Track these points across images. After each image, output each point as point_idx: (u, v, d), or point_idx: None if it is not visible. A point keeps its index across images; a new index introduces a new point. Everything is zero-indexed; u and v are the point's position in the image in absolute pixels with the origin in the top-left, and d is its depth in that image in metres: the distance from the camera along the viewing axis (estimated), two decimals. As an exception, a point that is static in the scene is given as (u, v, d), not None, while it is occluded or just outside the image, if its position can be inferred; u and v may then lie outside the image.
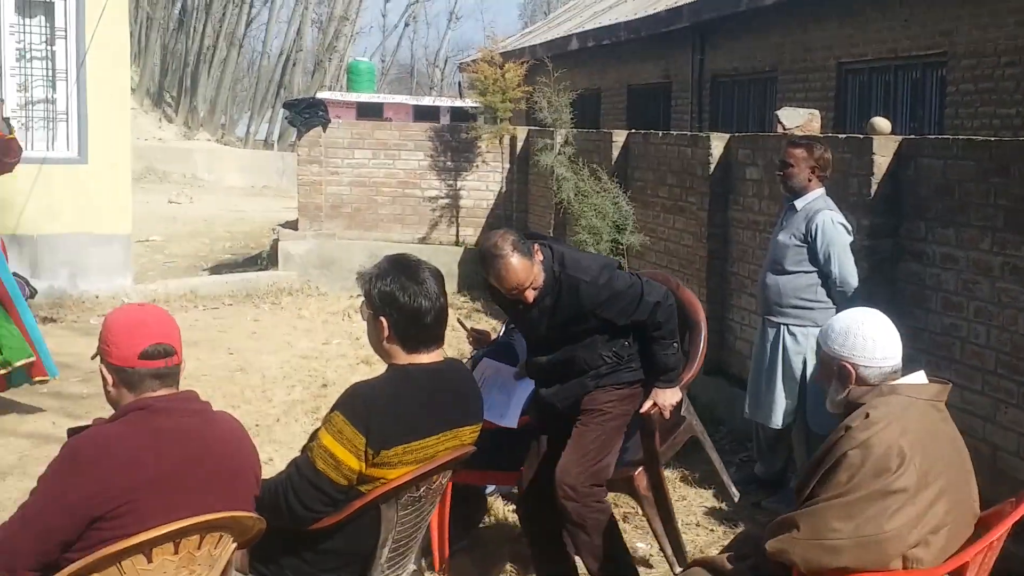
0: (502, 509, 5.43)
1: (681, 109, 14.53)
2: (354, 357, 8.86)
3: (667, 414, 4.27)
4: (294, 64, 36.92)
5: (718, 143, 7.63)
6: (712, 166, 7.59)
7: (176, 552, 2.73)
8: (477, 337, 5.24)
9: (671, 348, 4.24)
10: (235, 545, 2.92)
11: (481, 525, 5.23)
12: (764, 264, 5.90)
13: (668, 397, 4.25)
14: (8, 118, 7.96)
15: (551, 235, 9.23)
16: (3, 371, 6.70)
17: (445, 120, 18.01)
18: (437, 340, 3.33)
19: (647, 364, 4.28)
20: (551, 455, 4.30)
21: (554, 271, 4.12)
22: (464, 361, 4.61)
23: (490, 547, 5.01)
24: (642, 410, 4.26)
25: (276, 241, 12.77)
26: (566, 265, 4.13)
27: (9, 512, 3.31)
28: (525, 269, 4.00)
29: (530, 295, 4.07)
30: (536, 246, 4.07)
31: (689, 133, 10.04)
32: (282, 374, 8.29)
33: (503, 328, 5.31)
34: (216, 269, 14.01)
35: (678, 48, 14.41)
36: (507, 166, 12.80)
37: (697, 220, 7.90)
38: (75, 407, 7.15)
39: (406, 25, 47.86)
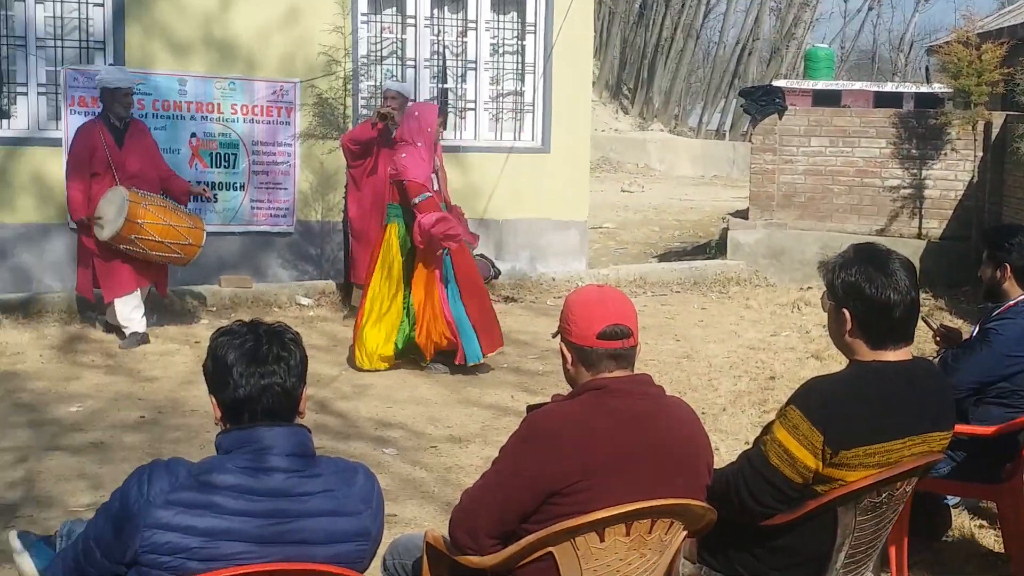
0: (967, 523, 4.98)
1: None
2: (803, 351, 8.57)
3: None
4: (750, 53, 36.61)
5: None
6: None
7: (628, 534, 2.72)
8: (946, 335, 4.87)
9: None
10: (685, 533, 2.87)
11: (944, 538, 4.82)
12: None
13: None
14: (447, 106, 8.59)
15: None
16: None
17: (908, 106, 17.01)
18: (906, 337, 3.09)
19: None
20: None
21: None
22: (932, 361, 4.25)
23: (953, 563, 4.61)
24: None
25: (725, 230, 12.69)
26: None
27: (471, 477, 3.51)
28: None
29: None
30: None
31: None
32: (728, 364, 8.19)
33: (975, 328, 4.86)
34: (665, 256, 14.21)
35: None
36: (980, 154, 11.80)
37: None
38: (532, 383, 7.51)
39: (869, 9, 45.87)
